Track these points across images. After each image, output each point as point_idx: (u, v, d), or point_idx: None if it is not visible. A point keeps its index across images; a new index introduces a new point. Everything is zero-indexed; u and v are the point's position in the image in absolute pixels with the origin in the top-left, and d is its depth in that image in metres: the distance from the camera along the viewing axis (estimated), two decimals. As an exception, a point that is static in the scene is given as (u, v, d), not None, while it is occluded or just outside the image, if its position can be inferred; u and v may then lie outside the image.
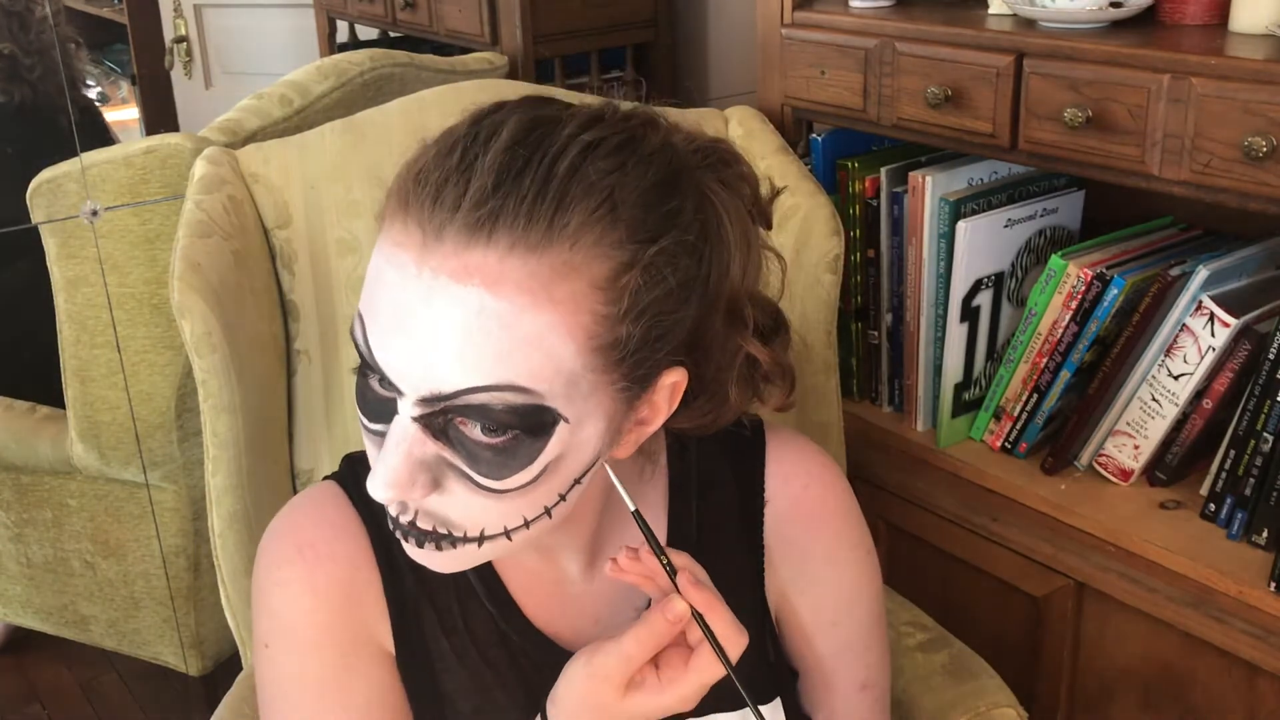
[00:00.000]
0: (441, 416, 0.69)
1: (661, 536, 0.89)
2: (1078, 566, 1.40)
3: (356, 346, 0.72)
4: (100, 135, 2.29)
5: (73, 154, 1.56)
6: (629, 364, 0.71)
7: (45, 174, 1.60)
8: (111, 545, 1.85)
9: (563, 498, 0.75)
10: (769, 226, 0.82)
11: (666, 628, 0.75)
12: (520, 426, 0.69)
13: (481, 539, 0.74)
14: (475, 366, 0.67)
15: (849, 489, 0.96)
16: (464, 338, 0.67)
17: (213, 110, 1.78)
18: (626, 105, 0.76)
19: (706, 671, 0.76)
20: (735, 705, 0.90)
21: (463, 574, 0.86)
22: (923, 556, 1.59)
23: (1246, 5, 1.27)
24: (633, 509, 0.76)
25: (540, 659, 0.88)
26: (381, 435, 0.72)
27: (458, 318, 0.67)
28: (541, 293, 0.67)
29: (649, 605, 0.84)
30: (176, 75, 3.50)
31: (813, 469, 0.95)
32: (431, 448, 0.70)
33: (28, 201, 1.62)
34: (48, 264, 1.65)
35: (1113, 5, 1.34)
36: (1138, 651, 1.38)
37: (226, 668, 1.87)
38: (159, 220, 1.60)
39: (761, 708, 0.89)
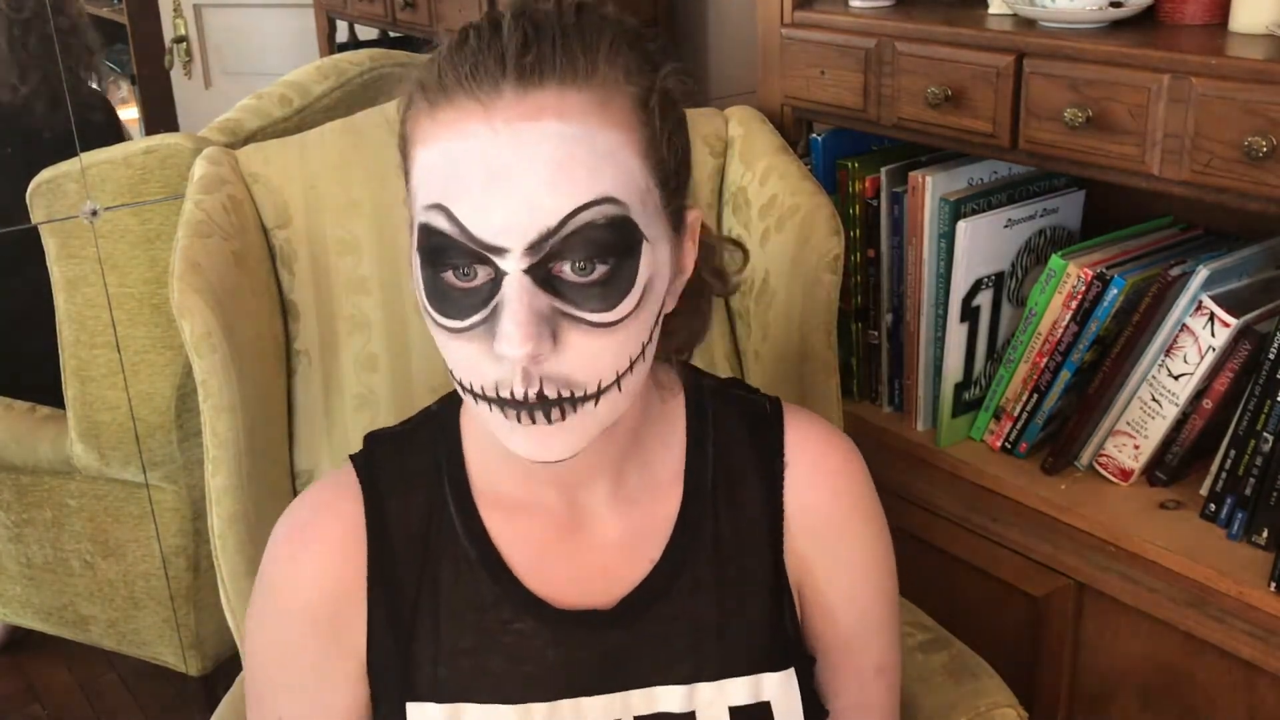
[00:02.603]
0: (545, 265, 0.74)
1: (678, 483, 0.93)
2: (1078, 566, 1.40)
3: (438, 238, 0.76)
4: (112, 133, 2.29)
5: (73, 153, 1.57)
6: (673, 186, 0.81)
7: (45, 174, 1.60)
8: (111, 545, 1.85)
9: (650, 337, 0.81)
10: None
11: None
12: (615, 251, 0.76)
13: (599, 394, 0.78)
14: (571, 188, 0.74)
15: (864, 463, 0.98)
16: (555, 165, 0.73)
17: (213, 110, 1.78)
18: None
19: None
20: (749, 670, 0.91)
21: (458, 543, 0.90)
22: (923, 556, 1.59)
23: (1246, 5, 1.27)
24: None
25: (533, 626, 0.89)
26: (465, 330, 0.76)
27: (545, 150, 0.73)
28: (603, 114, 0.76)
29: (662, 556, 0.90)
30: (176, 75, 3.51)
31: (831, 439, 0.97)
32: (543, 299, 0.75)
33: (27, 201, 1.62)
34: (47, 264, 1.65)
35: (1113, 5, 1.34)
36: (1138, 651, 1.38)
37: (226, 668, 1.87)
38: (159, 220, 1.60)
39: (774, 674, 0.92)
